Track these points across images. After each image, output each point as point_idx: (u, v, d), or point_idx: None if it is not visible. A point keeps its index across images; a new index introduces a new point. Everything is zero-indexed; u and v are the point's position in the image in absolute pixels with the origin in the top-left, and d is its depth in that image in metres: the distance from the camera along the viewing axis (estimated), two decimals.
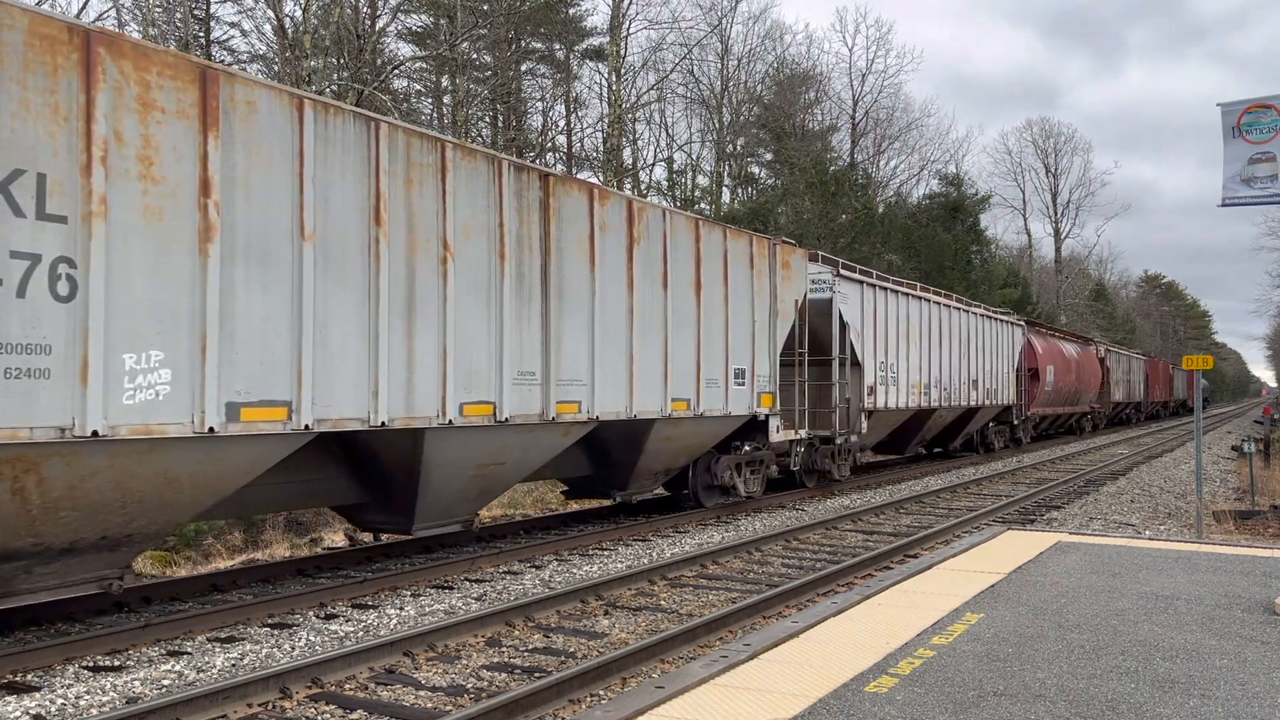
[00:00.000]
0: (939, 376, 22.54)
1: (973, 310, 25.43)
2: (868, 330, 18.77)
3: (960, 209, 45.91)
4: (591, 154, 34.68)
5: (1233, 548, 10.22)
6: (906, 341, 20.74)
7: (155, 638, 7.61)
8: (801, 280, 16.12)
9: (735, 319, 14.17)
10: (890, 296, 20.08)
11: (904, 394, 20.51)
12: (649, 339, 12.25)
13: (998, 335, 27.28)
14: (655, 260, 12.42)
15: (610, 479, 13.07)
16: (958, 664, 5.54)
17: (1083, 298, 74.83)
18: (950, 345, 23.40)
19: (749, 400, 14.47)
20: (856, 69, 48.17)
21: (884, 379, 19.43)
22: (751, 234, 14.83)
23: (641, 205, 12.28)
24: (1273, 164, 10.81)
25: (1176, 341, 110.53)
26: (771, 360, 15.03)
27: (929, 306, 22.36)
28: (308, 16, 20.74)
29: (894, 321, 20.12)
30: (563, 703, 6.15)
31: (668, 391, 12.57)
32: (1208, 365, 14.76)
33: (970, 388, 24.76)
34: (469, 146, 9.78)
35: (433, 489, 9.69)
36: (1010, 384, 28.43)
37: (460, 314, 9.47)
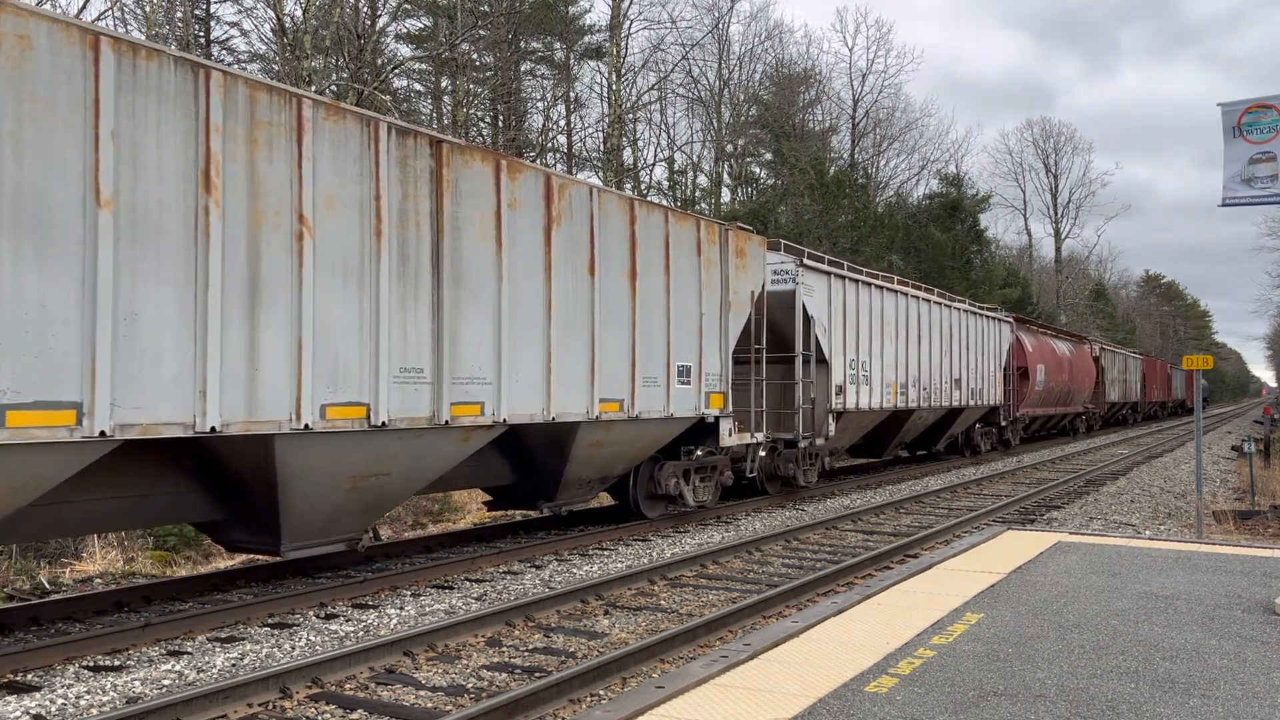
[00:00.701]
0: (918, 375, 21.21)
1: (955, 305, 24.07)
2: (836, 325, 17.58)
3: (960, 209, 45.91)
4: (592, 154, 34.69)
5: (1233, 548, 10.22)
6: (881, 338, 19.42)
7: (155, 637, 7.61)
8: (758, 270, 14.77)
9: (679, 311, 12.84)
10: (862, 289, 18.76)
11: (878, 394, 19.20)
12: (572, 333, 10.98)
13: (983, 332, 25.97)
14: (580, 244, 11.06)
15: (536, 488, 11.82)
16: (958, 664, 5.54)
17: (1083, 298, 74.83)
18: (931, 342, 22.06)
19: (696, 401, 13.21)
20: (856, 69, 48.20)
21: (855, 378, 18.14)
22: (699, 218, 13.46)
23: (563, 181, 10.93)
24: (1273, 164, 10.81)
25: (1177, 341, 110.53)
26: (723, 357, 13.78)
27: (906, 301, 20.98)
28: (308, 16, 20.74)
29: (866, 316, 18.81)
30: (563, 703, 6.15)
31: (595, 391, 11.28)
32: (1208, 365, 14.76)
33: (953, 387, 23.38)
34: (336, 105, 8.46)
35: (298, 504, 8.43)
36: (997, 383, 27.09)
37: (323, 301, 8.12)
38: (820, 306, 17.02)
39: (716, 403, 13.75)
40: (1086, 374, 38.08)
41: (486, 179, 9.89)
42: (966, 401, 24.32)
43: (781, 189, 37.34)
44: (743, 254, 14.36)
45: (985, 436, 27.80)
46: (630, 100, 34.15)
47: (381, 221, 8.69)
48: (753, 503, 16.32)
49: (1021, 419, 30.76)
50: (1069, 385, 35.10)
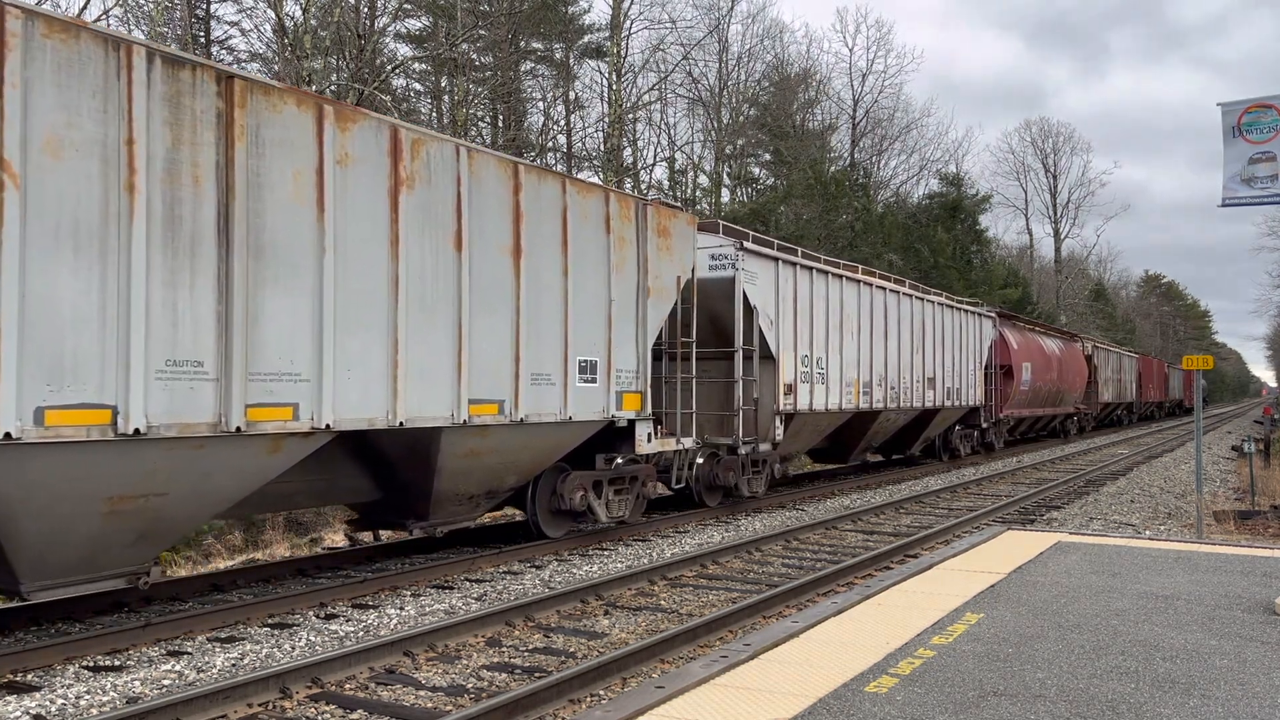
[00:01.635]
0: (884, 374, 19.37)
1: (929, 298, 22.20)
2: (785, 317, 15.77)
3: (960, 209, 45.90)
4: (592, 154, 34.70)
5: (1233, 548, 10.22)
6: (840, 332, 17.56)
7: (155, 637, 7.61)
8: (687, 252, 12.98)
9: (581, 297, 11.09)
10: (818, 278, 16.94)
11: (837, 394, 17.45)
12: (430, 318, 9.12)
13: (962, 328, 24.16)
14: (443, 212, 9.28)
15: (403, 505, 10.19)
16: (958, 664, 5.54)
17: (1082, 298, 74.84)
18: (900, 338, 20.21)
19: (604, 402, 11.45)
20: (857, 69, 48.20)
21: (808, 376, 16.38)
22: (610, 190, 11.72)
23: (418, 137, 9.08)
24: (1273, 164, 10.81)
25: (1176, 341, 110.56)
26: (640, 351, 12.03)
27: (871, 292, 19.03)
28: (308, 16, 20.74)
29: (823, 308, 17.01)
30: (563, 703, 6.15)
31: (463, 390, 9.44)
32: (1208, 365, 14.76)
33: (926, 387, 21.56)
34: (61, 17, 6.69)
35: (35, 536, 6.76)
36: (977, 383, 25.31)
37: (38, 272, 6.38)
38: (765, 296, 15.24)
39: (631, 404, 11.97)
40: (1078, 373, 36.67)
41: (304, 128, 8.06)
42: (942, 402, 22.58)
43: (782, 189, 37.34)
44: (666, 233, 12.52)
45: (965, 439, 26.05)
46: (630, 100, 34.16)
47: (135, 174, 6.87)
48: (752, 502, 16.31)
49: (1006, 420, 29.03)
50: (1058, 385, 33.56)
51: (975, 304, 26.57)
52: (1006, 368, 27.91)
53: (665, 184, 38.12)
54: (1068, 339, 38.19)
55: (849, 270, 18.86)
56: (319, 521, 14.75)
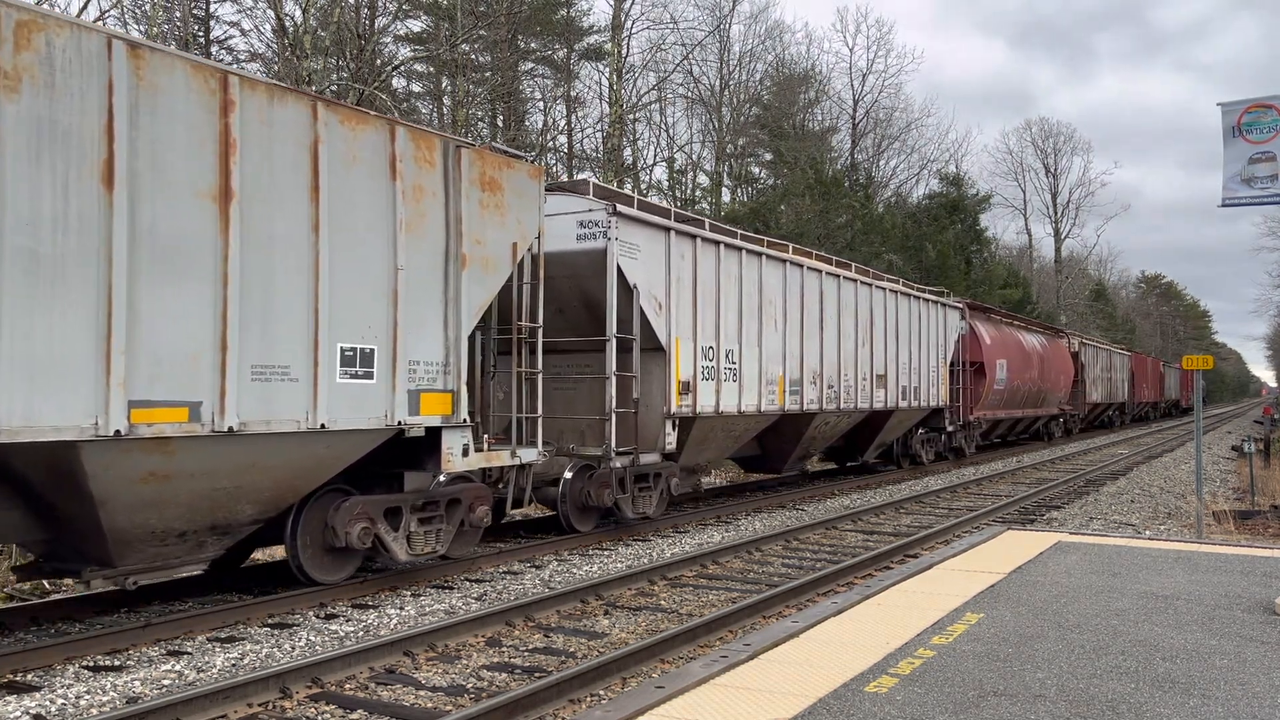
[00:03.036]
0: (820, 370, 16.67)
1: (881, 285, 19.46)
2: (681, 300, 13.08)
3: (960, 209, 45.91)
4: (592, 154, 34.70)
5: (1233, 548, 10.22)
6: (759, 320, 14.84)
7: (155, 637, 7.61)
8: (528, 214, 10.32)
9: (346, 263, 8.39)
10: (729, 255, 14.17)
11: (755, 393, 14.69)
12: (53, 284, 6.53)
13: (922, 319, 21.48)
14: (81, 134, 6.69)
15: (75, 548, 7.57)
16: (958, 664, 5.54)
17: (1082, 298, 74.85)
18: (843, 329, 17.55)
19: (387, 404, 8.76)
20: (857, 69, 48.22)
21: (713, 372, 13.64)
22: (397, 122, 9.05)
23: (27, 18, 6.45)
24: (1273, 164, 10.81)
25: (1176, 341, 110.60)
26: (451, 338, 9.44)
27: (802, 274, 16.16)
28: (307, 17, 20.74)
29: (735, 291, 14.26)
30: (563, 703, 6.15)
31: (116, 388, 6.83)
32: (1208, 365, 14.76)
33: (876, 386, 18.87)
34: None
35: None
36: (941, 381, 22.71)
37: None
38: (652, 273, 12.52)
39: (435, 406, 9.29)
40: (1062, 371, 34.30)
41: None
42: (896, 402, 19.87)
43: (782, 189, 37.35)
44: (495, 187, 9.94)
45: (928, 444, 23.45)
46: (631, 100, 34.16)
47: None
48: (753, 501, 16.32)
49: (977, 423, 26.44)
50: (1039, 384, 31.05)
51: (940, 293, 24.02)
52: (978, 365, 25.64)
53: (665, 184, 38.14)
54: (1052, 334, 36.07)
55: (777, 249, 16.26)
56: None
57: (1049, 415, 34.42)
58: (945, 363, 23.07)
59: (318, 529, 8.91)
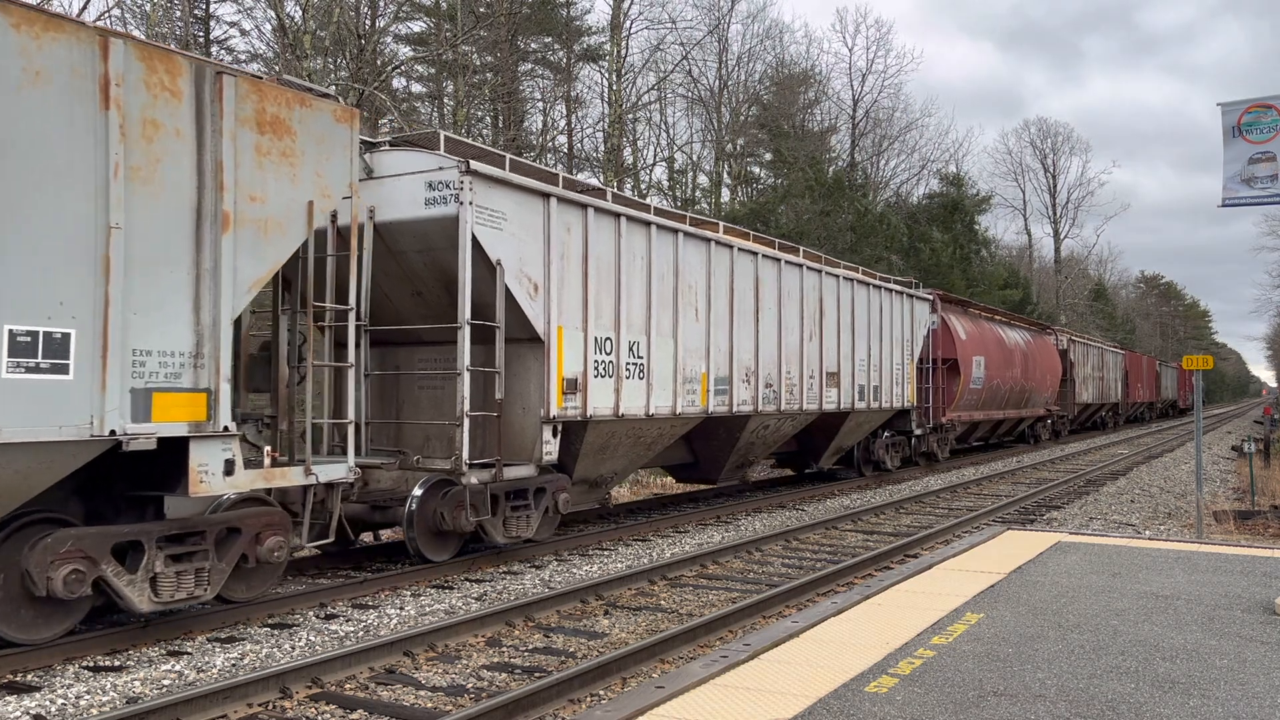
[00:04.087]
0: (756, 366, 14.62)
1: (831, 271, 17.25)
2: (567, 282, 11.02)
3: (959, 209, 45.93)
4: (592, 154, 34.72)
5: (1233, 548, 10.22)
6: (674, 308, 12.76)
7: (155, 638, 7.61)
8: (333, 165, 8.26)
9: (23, 214, 6.27)
10: (634, 231, 12.04)
11: (669, 392, 12.63)
12: None
13: (884, 311, 19.40)
14: None
15: None
16: (958, 664, 5.54)
17: (1082, 298, 74.88)
18: (785, 320, 15.50)
19: (94, 408, 6.62)
20: (856, 69, 48.23)
21: (610, 368, 11.63)
22: (113, 34, 6.87)
23: None
24: (1273, 164, 10.81)
25: (1176, 341, 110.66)
26: (206, 321, 7.32)
27: (732, 256, 14.05)
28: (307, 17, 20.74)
29: (642, 273, 12.20)
30: (563, 703, 6.15)
31: None
32: (1208, 366, 14.76)
33: (827, 384, 16.86)
34: None
35: None
36: (907, 379, 20.54)
37: None
38: (525, 247, 10.50)
39: (180, 410, 7.20)
40: (1049, 370, 32.12)
41: None
42: (852, 403, 17.81)
43: (781, 189, 37.36)
44: (281, 129, 7.84)
45: (893, 449, 21.21)
46: (630, 100, 34.17)
47: None
48: (752, 501, 16.31)
49: (951, 425, 24.24)
50: (1022, 383, 28.98)
51: (908, 283, 21.82)
52: (951, 362, 23.53)
53: (665, 184, 38.16)
54: (1037, 330, 33.98)
55: (704, 228, 14.15)
56: None
57: (1034, 417, 32.41)
58: (912, 359, 20.97)
59: (13, 575, 6.75)
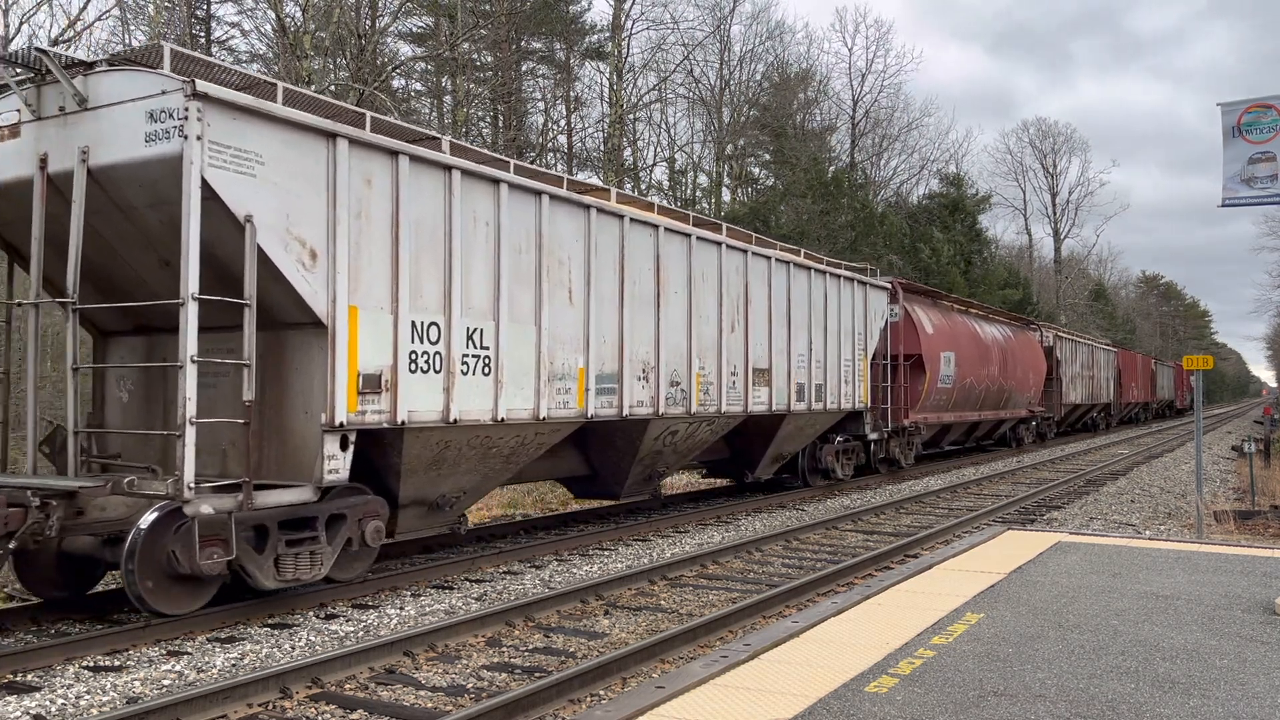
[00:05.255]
0: (656, 360, 12.23)
1: (758, 251, 14.83)
2: (366, 250, 8.55)
3: (959, 209, 45.94)
4: (592, 154, 34.72)
5: (1233, 548, 10.22)
6: (536, 287, 10.39)
7: (155, 638, 7.61)
8: None
9: None
10: (471, 187, 9.57)
11: (529, 391, 10.28)
12: None
13: (828, 299, 16.94)
14: None
15: None
16: (958, 664, 5.54)
17: (1082, 298, 74.90)
18: (695, 307, 13.05)
19: None
20: (856, 69, 48.25)
21: (435, 360, 9.17)
22: None
23: None
24: (1273, 164, 10.81)
25: (1177, 341, 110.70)
26: None
27: (622, 227, 11.64)
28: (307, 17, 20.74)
29: (487, 243, 9.78)
30: (563, 703, 6.15)
31: None
32: (1208, 366, 14.76)
33: (755, 382, 14.51)
34: None
35: None
36: (859, 377, 18.11)
37: None
38: (292, 201, 8.01)
39: None
40: (1032, 368, 30.06)
41: None
42: (787, 404, 15.50)
43: (782, 189, 37.36)
44: None
45: (846, 455, 18.79)
46: (631, 100, 34.17)
47: None
48: (752, 501, 16.29)
49: (915, 428, 21.93)
50: (1001, 381, 26.76)
51: (860, 269, 19.49)
52: (914, 358, 21.27)
53: (665, 184, 38.16)
54: (1019, 325, 31.68)
55: (593, 194, 11.88)
56: None
57: (1016, 419, 30.27)
58: (865, 355, 18.59)
59: None
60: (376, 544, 8.99)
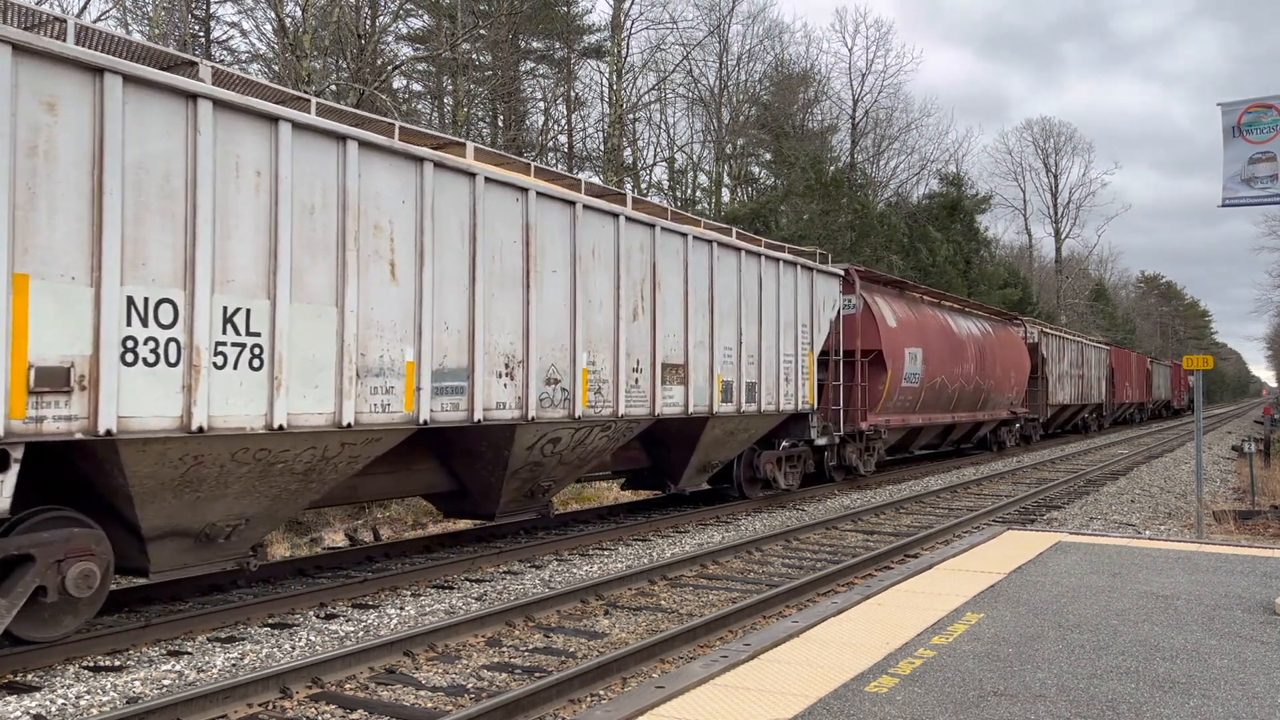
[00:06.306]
0: (525, 353, 10.20)
1: (668, 227, 12.53)
2: (43, 196, 6.33)
3: (959, 208, 45.94)
4: (592, 154, 34.73)
5: (1233, 548, 10.22)
6: (339, 258, 8.19)
7: (155, 638, 7.61)
8: None
9: None
10: (222, 122, 7.36)
11: (323, 391, 8.06)
12: None
13: (762, 285, 14.68)
14: None
15: None
16: (958, 664, 5.54)
17: (1083, 298, 74.91)
18: (581, 288, 10.95)
19: None
20: (856, 69, 48.22)
21: (165, 351, 7.01)
22: None
23: None
24: (1273, 164, 10.81)
25: (1177, 341, 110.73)
26: None
27: (470, 188, 9.48)
28: (307, 17, 20.73)
29: (258, 196, 7.61)
30: (563, 703, 6.15)
31: None
32: (1208, 366, 14.76)
33: (666, 380, 12.41)
34: None
35: None
36: (804, 375, 16.04)
37: None
38: None
39: None
40: (1013, 366, 27.84)
41: None
42: (711, 406, 13.39)
43: (782, 189, 37.36)
44: None
45: (790, 464, 16.57)
46: (630, 100, 34.18)
47: None
48: (753, 501, 16.29)
49: (876, 432, 19.45)
50: (977, 380, 24.64)
51: (809, 254, 17.30)
52: (874, 353, 19.02)
53: (665, 184, 38.17)
54: (1001, 320, 29.45)
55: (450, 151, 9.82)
56: (319, 521, 14.76)
57: (996, 420, 28.00)
58: (812, 350, 16.49)
59: None
60: (87, 592, 6.91)
